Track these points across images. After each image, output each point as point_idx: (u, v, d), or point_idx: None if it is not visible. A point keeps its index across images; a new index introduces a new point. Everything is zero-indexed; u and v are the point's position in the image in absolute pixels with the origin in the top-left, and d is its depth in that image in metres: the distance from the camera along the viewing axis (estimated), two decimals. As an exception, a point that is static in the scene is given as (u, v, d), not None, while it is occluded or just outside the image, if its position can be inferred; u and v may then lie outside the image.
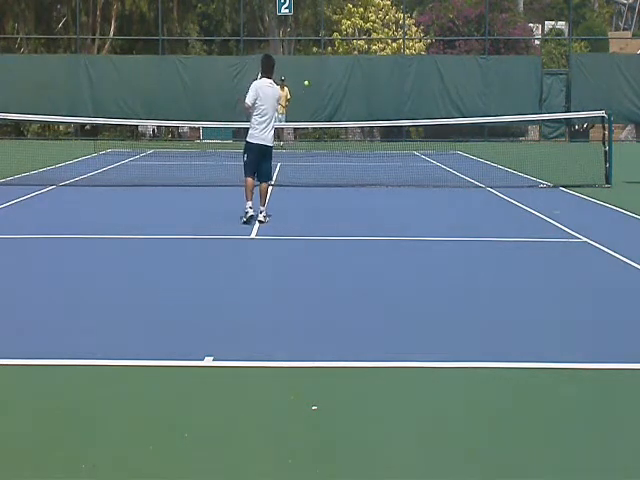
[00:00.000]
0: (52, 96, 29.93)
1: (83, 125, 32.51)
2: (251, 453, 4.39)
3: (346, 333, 6.55)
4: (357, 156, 24.69)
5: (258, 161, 11.75)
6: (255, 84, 11.76)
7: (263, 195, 11.88)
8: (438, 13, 37.37)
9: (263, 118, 11.63)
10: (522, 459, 4.34)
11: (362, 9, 36.13)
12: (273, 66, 11.88)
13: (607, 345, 6.33)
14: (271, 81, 11.81)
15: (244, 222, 11.57)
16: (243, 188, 11.97)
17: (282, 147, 26.53)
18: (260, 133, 11.65)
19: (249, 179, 11.81)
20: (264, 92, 11.65)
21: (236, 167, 18.82)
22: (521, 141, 33.49)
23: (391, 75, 31.18)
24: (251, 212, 11.66)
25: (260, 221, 11.63)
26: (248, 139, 11.82)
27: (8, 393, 5.25)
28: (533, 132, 34.32)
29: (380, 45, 35.56)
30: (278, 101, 11.97)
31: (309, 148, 27.84)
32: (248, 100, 11.65)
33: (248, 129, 11.92)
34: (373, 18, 36.07)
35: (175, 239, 10.74)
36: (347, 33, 35.93)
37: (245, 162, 11.88)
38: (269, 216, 11.94)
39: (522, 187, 16.66)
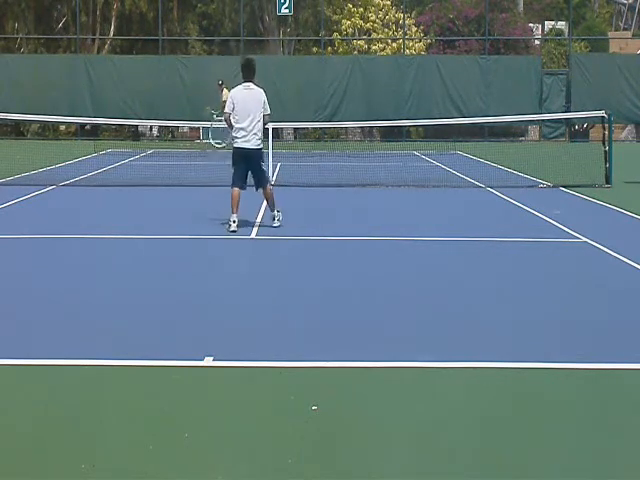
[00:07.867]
0: (52, 96, 29.93)
1: (83, 125, 32.50)
2: (251, 453, 4.39)
3: (346, 333, 6.55)
4: (357, 156, 24.68)
5: (247, 167, 11.36)
6: (231, 92, 11.61)
7: (269, 200, 11.60)
8: (438, 13, 37.34)
9: (241, 122, 11.28)
10: (521, 459, 4.34)
11: (362, 9, 36.09)
12: (253, 69, 11.51)
13: (607, 345, 6.33)
14: (249, 84, 11.44)
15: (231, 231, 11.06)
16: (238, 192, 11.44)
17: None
18: (241, 137, 11.30)
19: (235, 190, 11.28)
20: (239, 97, 11.37)
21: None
22: (521, 141, 33.49)
23: (391, 75, 31.18)
24: (234, 226, 11.07)
25: (276, 226, 11.40)
26: (233, 145, 11.54)
27: (8, 393, 5.25)
28: (533, 132, 34.30)
29: (380, 45, 35.53)
30: (261, 102, 11.41)
31: (309, 148, 27.83)
32: (226, 109, 11.49)
33: None
34: (373, 18, 36.03)
35: (175, 239, 10.74)
36: (347, 33, 35.90)
37: (233, 171, 11.47)
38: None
39: (522, 187, 16.66)
